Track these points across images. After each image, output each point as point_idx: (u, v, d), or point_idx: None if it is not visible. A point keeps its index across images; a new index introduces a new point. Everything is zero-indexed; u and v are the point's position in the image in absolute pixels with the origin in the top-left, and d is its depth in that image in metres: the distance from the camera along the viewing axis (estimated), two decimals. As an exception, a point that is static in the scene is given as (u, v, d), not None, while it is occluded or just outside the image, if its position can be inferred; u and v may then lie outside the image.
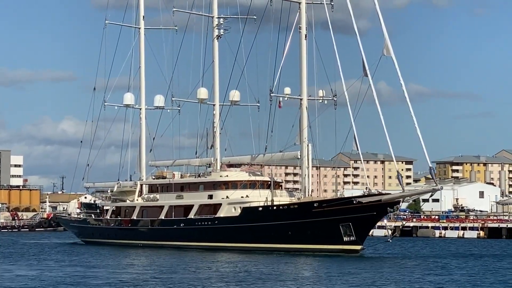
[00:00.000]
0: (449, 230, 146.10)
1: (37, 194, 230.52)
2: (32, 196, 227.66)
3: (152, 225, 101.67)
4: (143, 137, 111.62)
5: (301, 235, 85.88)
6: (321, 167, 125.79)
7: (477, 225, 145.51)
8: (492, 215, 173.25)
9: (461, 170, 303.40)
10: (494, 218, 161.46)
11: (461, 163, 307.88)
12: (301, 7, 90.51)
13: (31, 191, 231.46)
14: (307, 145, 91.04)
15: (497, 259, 78.91)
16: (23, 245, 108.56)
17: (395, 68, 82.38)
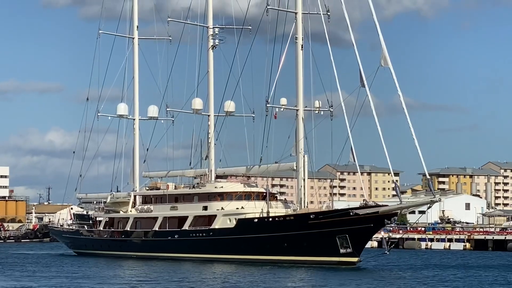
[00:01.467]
0: (435, 242, 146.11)
1: (23, 205, 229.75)
2: (18, 207, 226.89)
3: (145, 236, 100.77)
4: (136, 147, 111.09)
5: (297, 247, 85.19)
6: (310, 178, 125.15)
7: (463, 237, 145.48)
8: (478, 227, 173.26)
9: (447, 182, 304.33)
10: (480, 230, 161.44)
11: (447, 175, 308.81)
12: (298, 17, 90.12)
13: (17, 202, 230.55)
14: (303, 156, 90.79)
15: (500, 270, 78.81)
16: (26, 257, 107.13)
17: (393, 79, 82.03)
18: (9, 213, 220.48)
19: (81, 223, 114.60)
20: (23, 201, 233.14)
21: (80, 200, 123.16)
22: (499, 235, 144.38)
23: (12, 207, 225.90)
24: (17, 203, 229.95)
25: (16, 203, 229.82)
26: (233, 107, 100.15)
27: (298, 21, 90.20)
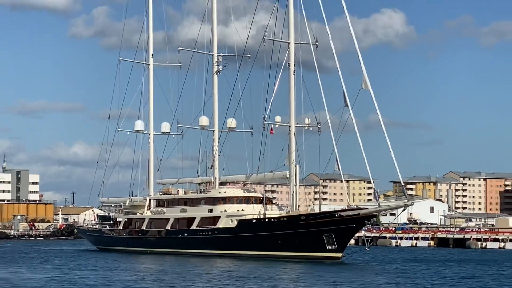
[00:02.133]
0: (404, 240, 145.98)
1: (51, 207, 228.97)
2: (47, 209, 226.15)
3: (159, 234, 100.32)
4: (151, 158, 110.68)
5: (290, 244, 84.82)
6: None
7: (428, 236, 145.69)
8: (440, 227, 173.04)
9: (414, 188, 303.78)
10: (442, 229, 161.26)
11: (414, 183, 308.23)
12: (290, 47, 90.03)
13: (46, 205, 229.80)
14: (295, 166, 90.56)
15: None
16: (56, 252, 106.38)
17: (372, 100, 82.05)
18: (39, 214, 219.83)
19: (103, 223, 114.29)
20: (51, 204, 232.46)
21: (102, 203, 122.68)
22: (458, 234, 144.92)
23: (41, 209, 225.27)
24: (46, 206, 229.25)
25: (45, 206, 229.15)
26: (234, 124, 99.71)
27: (291, 50, 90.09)
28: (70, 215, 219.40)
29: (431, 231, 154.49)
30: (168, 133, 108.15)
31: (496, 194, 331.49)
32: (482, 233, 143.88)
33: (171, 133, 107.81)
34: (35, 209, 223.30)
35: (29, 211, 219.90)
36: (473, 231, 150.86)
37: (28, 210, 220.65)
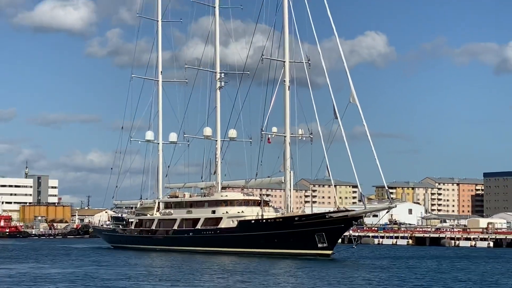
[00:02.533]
0: (385, 239, 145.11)
1: (69, 209, 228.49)
2: (65, 211, 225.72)
3: (167, 234, 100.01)
4: (160, 165, 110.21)
5: (285, 242, 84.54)
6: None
7: (407, 235, 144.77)
8: (418, 227, 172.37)
9: (394, 192, 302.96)
10: (420, 229, 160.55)
11: (394, 187, 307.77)
12: (285, 65, 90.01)
13: (64, 207, 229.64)
14: (289, 172, 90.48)
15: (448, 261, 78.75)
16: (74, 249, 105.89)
17: (360, 113, 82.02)
18: (57, 215, 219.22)
19: (117, 223, 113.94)
20: (68, 206, 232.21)
21: (115, 205, 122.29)
22: (434, 234, 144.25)
23: (60, 211, 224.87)
24: (64, 208, 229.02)
25: (63, 208, 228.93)
26: (235, 134, 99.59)
27: (286, 68, 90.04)
28: (85, 216, 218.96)
29: (409, 231, 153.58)
30: (175, 142, 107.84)
31: (467, 197, 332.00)
32: (455, 233, 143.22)
33: (178, 142, 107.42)
34: (54, 211, 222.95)
35: (49, 213, 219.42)
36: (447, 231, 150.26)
37: (48, 211, 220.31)
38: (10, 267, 64.44)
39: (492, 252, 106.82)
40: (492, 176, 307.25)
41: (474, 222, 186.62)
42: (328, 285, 49.34)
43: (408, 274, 59.65)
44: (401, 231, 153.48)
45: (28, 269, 62.26)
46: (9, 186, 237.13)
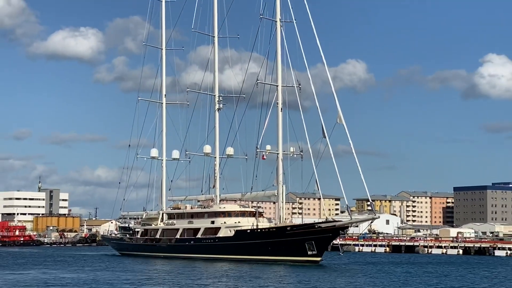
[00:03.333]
0: (365, 247, 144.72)
1: (78, 220, 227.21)
2: (74, 221, 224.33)
3: (170, 242, 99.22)
4: (164, 180, 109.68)
5: (278, 250, 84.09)
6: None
7: (384, 243, 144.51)
8: (394, 236, 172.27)
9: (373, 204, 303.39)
10: (396, 238, 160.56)
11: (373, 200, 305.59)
12: (278, 89, 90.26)
13: (74, 218, 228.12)
14: (282, 186, 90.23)
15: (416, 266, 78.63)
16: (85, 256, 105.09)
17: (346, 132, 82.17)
18: (68, 225, 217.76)
19: (124, 233, 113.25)
20: (77, 217, 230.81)
21: (123, 216, 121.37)
22: (409, 242, 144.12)
23: (70, 221, 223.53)
24: (74, 218, 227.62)
25: (73, 218, 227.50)
26: (232, 152, 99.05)
27: (279, 91, 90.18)
28: (93, 226, 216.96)
29: (387, 239, 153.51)
30: (177, 159, 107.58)
31: (439, 209, 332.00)
32: (428, 241, 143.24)
33: (180, 159, 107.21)
34: (64, 221, 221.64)
35: (60, 223, 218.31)
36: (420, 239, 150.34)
37: (59, 222, 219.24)
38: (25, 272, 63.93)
39: (460, 259, 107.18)
40: (461, 190, 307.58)
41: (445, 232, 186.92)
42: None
43: (386, 277, 60.71)
44: (379, 240, 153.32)
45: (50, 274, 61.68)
46: (24, 199, 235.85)
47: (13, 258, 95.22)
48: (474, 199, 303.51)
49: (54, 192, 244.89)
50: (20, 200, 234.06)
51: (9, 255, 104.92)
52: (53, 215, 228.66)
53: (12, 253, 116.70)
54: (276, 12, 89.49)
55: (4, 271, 65.85)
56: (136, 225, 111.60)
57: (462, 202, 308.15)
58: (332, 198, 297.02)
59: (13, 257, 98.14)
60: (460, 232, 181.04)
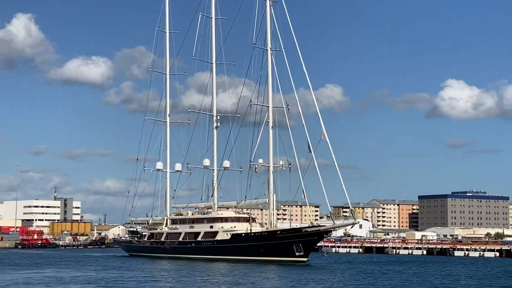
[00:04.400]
0: (341, 248, 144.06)
1: (89, 225, 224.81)
2: (86, 226, 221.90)
3: (173, 244, 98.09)
4: (168, 189, 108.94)
5: (269, 251, 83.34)
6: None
7: (358, 245, 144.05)
8: (367, 239, 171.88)
9: (348, 211, 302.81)
10: (368, 241, 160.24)
11: (347, 207, 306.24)
12: (269, 109, 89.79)
13: (85, 223, 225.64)
14: (272, 195, 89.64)
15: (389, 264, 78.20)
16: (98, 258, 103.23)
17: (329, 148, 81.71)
18: (80, 230, 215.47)
19: (132, 236, 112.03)
20: (88, 223, 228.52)
21: (131, 222, 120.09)
22: (379, 244, 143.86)
23: (82, 226, 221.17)
24: (85, 224, 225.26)
25: (85, 224, 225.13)
26: (228, 164, 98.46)
27: (270, 112, 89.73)
28: (102, 230, 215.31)
29: (360, 241, 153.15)
30: (180, 171, 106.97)
31: (406, 215, 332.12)
32: (396, 243, 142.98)
33: (182, 171, 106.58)
34: (77, 226, 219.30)
35: (73, 228, 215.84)
36: (389, 242, 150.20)
37: (72, 227, 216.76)
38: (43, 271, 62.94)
39: (424, 258, 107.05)
40: (425, 198, 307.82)
41: (411, 235, 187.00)
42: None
43: (361, 274, 61.29)
44: (353, 242, 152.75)
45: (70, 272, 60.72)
46: (41, 207, 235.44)
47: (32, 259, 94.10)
48: (436, 206, 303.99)
49: (68, 201, 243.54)
50: (38, 207, 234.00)
51: (28, 256, 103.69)
52: (67, 221, 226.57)
53: (31, 254, 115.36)
54: (267, 42, 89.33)
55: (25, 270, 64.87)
56: (143, 229, 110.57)
57: (425, 209, 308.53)
58: (312, 205, 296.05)
59: (32, 258, 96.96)
60: (424, 235, 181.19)
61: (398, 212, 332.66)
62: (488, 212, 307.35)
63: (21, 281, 51.70)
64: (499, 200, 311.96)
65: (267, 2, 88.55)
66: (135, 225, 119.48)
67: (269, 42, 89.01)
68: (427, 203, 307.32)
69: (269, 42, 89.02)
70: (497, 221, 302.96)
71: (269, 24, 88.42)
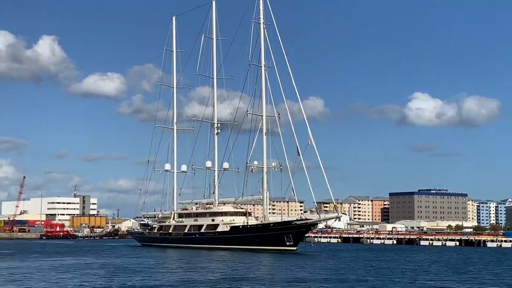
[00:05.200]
0: (322, 238, 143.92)
1: (104, 219, 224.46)
2: (101, 220, 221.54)
3: (180, 236, 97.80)
4: (175, 187, 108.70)
5: (263, 241, 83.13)
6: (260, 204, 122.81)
7: (337, 236, 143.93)
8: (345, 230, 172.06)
9: (328, 206, 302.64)
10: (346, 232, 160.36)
11: (328, 203, 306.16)
12: (263, 118, 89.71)
13: (101, 217, 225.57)
14: (266, 192, 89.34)
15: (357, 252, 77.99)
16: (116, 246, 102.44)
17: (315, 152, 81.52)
18: (96, 223, 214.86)
19: (144, 228, 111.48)
20: (104, 217, 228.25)
21: (143, 216, 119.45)
22: (355, 235, 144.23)
23: (98, 220, 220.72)
24: (101, 218, 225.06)
25: (100, 218, 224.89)
26: (227, 166, 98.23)
27: (263, 120, 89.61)
28: (116, 223, 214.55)
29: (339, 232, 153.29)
30: (185, 171, 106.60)
31: (378, 210, 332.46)
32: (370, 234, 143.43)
33: (187, 171, 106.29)
34: (94, 220, 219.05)
35: (90, 221, 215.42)
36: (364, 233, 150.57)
37: (89, 220, 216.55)
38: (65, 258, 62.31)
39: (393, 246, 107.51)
40: (395, 195, 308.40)
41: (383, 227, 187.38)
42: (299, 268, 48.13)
43: (340, 260, 61.01)
44: (333, 233, 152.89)
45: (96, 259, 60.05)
46: (63, 203, 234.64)
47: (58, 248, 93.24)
48: (405, 202, 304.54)
49: (86, 198, 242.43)
50: (60, 204, 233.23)
51: (52, 246, 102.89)
52: (85, 215, 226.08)
53: (54, 244, 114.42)
54: (262, 60, 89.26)
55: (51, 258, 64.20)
56: (153, 222, 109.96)
57: (395, 204, 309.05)
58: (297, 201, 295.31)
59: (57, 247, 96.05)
60: (394, 227, 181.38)
61: (371, 207, 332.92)
62: (449, 207, 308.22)
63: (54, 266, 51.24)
64: (459, 197, 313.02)
65: (261, 25, 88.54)
66: (145, 219, 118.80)
67: (263, 60, 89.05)
68: (397, 199, 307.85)
69: (263, 59, 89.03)
70: (457, 215, 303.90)
71: (263, 44, 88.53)
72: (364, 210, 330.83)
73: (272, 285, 35.37)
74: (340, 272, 45.14)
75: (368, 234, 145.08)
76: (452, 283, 38.19)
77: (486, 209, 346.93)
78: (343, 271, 46.12)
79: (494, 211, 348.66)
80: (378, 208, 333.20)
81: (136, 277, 39.97)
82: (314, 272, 44.80)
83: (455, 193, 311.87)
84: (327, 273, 44.58)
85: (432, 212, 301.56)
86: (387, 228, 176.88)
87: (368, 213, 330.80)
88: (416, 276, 42.78)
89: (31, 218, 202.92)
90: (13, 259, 60.92)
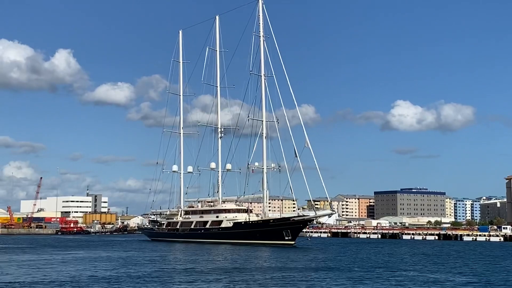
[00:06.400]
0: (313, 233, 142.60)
1: (114, 216, 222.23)
2: (112, 217, 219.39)
3: (186, 231, 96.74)
4: (182, 186, 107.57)
5: (264, 236, 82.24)
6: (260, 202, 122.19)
7: (327, 231, 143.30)
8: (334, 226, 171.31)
9: (319, 204, 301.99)
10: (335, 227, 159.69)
11: (318, 201, 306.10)
12: (263, 123, 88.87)
13: (111, 214, 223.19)
14: (266, 191, 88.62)
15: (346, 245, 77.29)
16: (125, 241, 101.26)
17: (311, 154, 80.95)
18: (107, 220, 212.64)
19: (153, 224, 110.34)
20: (114, 214, 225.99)
21: (152, 213, 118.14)
22: (344, 230, 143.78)
23: (109, 217, 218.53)
24: (111, 215, 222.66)
25: (111, 215, 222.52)
26: (230, 167, 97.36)
27: (264, 125, 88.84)
28: (125, 220, 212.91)
29: (329, 228, 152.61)
30: (191, 172, 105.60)
31: (364, 207, 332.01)
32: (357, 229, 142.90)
33: (193, 172, 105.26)
34: (105, 217, 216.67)
35: (101, 218, 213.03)
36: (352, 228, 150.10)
37: (101, 217, 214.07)
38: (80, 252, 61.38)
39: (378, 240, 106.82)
40: (379, 194, 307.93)
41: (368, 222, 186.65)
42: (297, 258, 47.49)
43: (331, 251, 61.33)
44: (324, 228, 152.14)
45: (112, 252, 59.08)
46: (77, 201, 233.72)
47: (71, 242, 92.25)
48: (388, 200, 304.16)
49: (98, 197, 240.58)
50: (74, 202, 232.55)
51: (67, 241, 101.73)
52: (97, 213, 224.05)
53: (68, 239, 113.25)
54: (261, 69, 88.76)
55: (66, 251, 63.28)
56: (161, 219, 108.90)
57: (380, 202, 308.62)
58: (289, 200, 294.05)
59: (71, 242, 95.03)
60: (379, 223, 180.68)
61: (358, 205, 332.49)
62: (429, 205, 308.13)
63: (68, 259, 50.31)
64: (438, 195, 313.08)
65: (261, 38, 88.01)
66: (153, 216, 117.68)
67: (263, 69, 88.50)
68: (381, 197, 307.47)
69: (263, 69, 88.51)
70: (436, 211, 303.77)
71: (263, 55, 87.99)
72: (351, 207, 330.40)
73: (271, 273, 34.86)
74: (336, 261, 44.86)
75: (355, 229, 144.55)
76: (431, 273, 38.57)
77: (462, 206, 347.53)
78: (337, 261, 45.87)
79: (469, 208, 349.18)
80: (364, 206, 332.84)
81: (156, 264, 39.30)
82: (316, 261, 44.43)
83: (434, 191, 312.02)
84: (330, 260, 44.06)
85: (413, 209, 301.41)
86: (373, 224, 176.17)
87: (355, 210, 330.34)
88: (397, 266, 43.49)
89: (48, 215, 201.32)
90: (36, 253, 60.12)
